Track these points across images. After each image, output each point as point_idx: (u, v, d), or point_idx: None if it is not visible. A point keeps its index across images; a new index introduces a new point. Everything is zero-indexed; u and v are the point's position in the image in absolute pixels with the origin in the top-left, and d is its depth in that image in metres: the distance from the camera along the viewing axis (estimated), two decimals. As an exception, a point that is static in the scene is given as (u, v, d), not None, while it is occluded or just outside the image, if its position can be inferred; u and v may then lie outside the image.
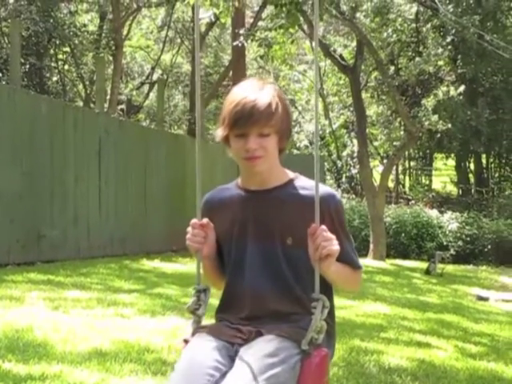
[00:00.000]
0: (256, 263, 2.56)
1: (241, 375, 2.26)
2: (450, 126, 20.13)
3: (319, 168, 2.45)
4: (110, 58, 22.35)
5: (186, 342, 2.57)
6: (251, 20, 21.51)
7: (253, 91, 2.50)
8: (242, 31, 14.55)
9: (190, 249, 2.58)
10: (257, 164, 2.50)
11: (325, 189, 2.57)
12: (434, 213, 19.36)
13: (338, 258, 2.41)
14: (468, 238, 17.95)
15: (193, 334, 2.57)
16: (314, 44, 2.47)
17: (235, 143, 2.51)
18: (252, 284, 2.55)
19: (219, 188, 2.77)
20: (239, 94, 2.51)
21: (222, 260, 2.70)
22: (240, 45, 14.91)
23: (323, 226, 2.35)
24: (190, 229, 2.56)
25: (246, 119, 2.44)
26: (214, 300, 2.73)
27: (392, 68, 21.43)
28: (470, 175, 27.09)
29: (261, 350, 2.33)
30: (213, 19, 18.94)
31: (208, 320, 2.72)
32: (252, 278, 2.56)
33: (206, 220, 2.56)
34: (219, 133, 2.56)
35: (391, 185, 25.25)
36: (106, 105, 18.52)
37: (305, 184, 2.61)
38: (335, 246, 2.34)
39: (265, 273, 2.55)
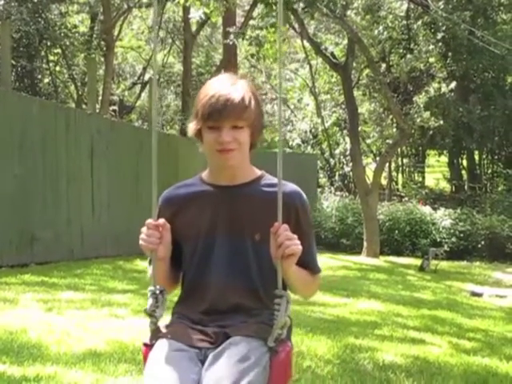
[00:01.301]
0: (223, 258, 2.55)
1: None
2: (441, 122, 20.17)
3: (282, 165, 2.43)
4: (102, 59, 22.30)
5: (147, 345, 2.52)
6: (242, 19, 21.51)
7: (226, 85, 2.50)
8: (232, 30, 14.55)
9: (143, 249, 2.53)
10: (230, 157, 2.50)
11: (291, 186, 2.59)
12: (427, 209, 19.35)
13: (301, 257, 2.41)
14: (461, 235, 17.96)
15: (152, 338, 2.51)
16: (277, 45, 2.46)
17: (208, 135, 2.50)
18: (217, 278, 2.54)
19: (178, 185, 2.75)
20: (212, 87, 2.51)
21: (174, 263, 2.64)
22: (231, 43, 14.92)
23: (285, 225, 2.35)
24: (144, 229, 2.51)
25: (220, 111, 2.43)
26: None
27: (383, 65, 21.44)
28: (463, 172, 27.10)
29: (233, 355, 2.31)
30: (203, 18, 18.92)
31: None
32: (218, 272, 2.54)
33: (162, 220, 2.52)
34: (192, 126, 2.56)
35: (384, 182, 25.24)
36: (97, 106, 18.48)
37: (272, 182, 2.60)
38: (298, 246, 2.35)
39: (231, 267, 2.54)
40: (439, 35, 19.95)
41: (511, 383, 5.17)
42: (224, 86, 2.49)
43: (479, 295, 10.99)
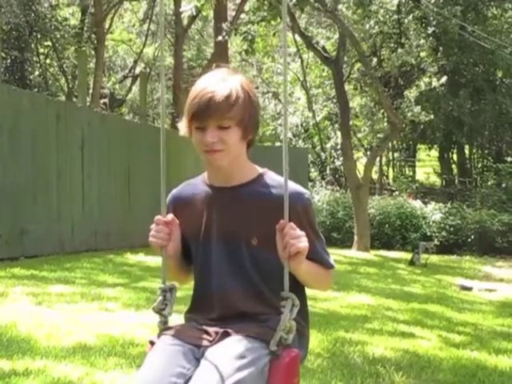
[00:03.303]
0: (222, 264, 2.47)
1: (207, 378, 2.17)
2: (432, 116, 20.21)
3: (287, 160, 2.29)
4: (92, 52, 22.25)
5: (152, 343, 2.45)
6: (233, 13, 21.46)
7: (213, 83, 2.40)
8: (224, 26, 14.50)
9: (153, 246, 2.49)
10: (217, 158, 2.41)
11: (293, 186, 2.45)
12: (417, 204, 19.42)
13: (308, 257, 2.35)
14: (451, 229, 18.03)
15: (159, 336, 2.46)
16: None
17: (195, 136, 2.42)
18: (219, 285, 2.48)
19: (186, 183, 2.68)
20: (200, 85, 2.42)
21: (187, 258, 2.60)
22: (223, 40, 14.88)
23: (291, 223, 2.26)
24: (153, 225, 2.46)
25: (202, 111, 2.35)
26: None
27: (374, 60, 21.45)
28: (453, 166, 27.23)
29: (228, 352, 2.23)
30: (194, 12, 18.87)
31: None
32: (219, 278, 2.48)
33: (170, 216, 2.47)
34: (182, 126, 2.49)
35: (375, 176, 25.32)
36: (88, 99, 18.43)
37: (272, 181, 2.50)
38: (303, 243, 2.25)
39: (231, 273, 2.46)
40: (430, 30, 19.98)
41: (500, 376, 5.19)
42: (211, 84, 2.39)
43: (469, 289, 11.04)
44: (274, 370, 2.25)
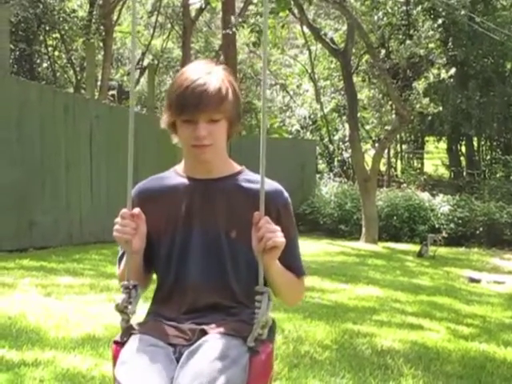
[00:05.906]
0: (200, 255, 2.41)
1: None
2: (440, 108, 20.12)
3: (265, 154, 2.24)
4: (100, 44, 22.24)
5: (117, 343, 2.35)
6: (241, 4, 21.43)
7: (201, 75, 2.34)
8: (232, 19, 14.47)
9: (118, 240, 2.36)
10: (205, 152, 2.37)
11: (272, 184, 2.43)
12: (425, 196, 19.35)
13: (282, 260, 2.31)
14: (460, 221, 17.96)
15: (123, 335, 2.35)
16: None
17: (183, 130, 2.38)
18: (195, 277, 2.40)
19: (154, 177, 2.63)
20: (187, 77, 2.35)
21: (146, 264, 2.49)
22: (230, 32, 14.86)
23: (267, 218, 2.22)
24: (118, 219, 2.36)
25: (195, 105, 2.29)
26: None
27: (383, 51, 21.36)
28: (462, 158, 27.10)
29: (210, 353, 2.17)
30: (203, 5, 18.89)
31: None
32: (195, 270, 2.40)
33: (137, 210, 2.39)
34: (165, 119, 2.45)
35: (383, 168, 25.22)
36: (96, 91, 18.43)
37: (251, 177, 2.48)
38: (281, 238, 2.21)
39: (206, 264, 2.40)
40: (439, 21, 19.91)
41: (509, 368, 5.19)
42: (198, 76, 2.33)
43: (477, 281, 11.01)
44: (253, 366, 2.21)
